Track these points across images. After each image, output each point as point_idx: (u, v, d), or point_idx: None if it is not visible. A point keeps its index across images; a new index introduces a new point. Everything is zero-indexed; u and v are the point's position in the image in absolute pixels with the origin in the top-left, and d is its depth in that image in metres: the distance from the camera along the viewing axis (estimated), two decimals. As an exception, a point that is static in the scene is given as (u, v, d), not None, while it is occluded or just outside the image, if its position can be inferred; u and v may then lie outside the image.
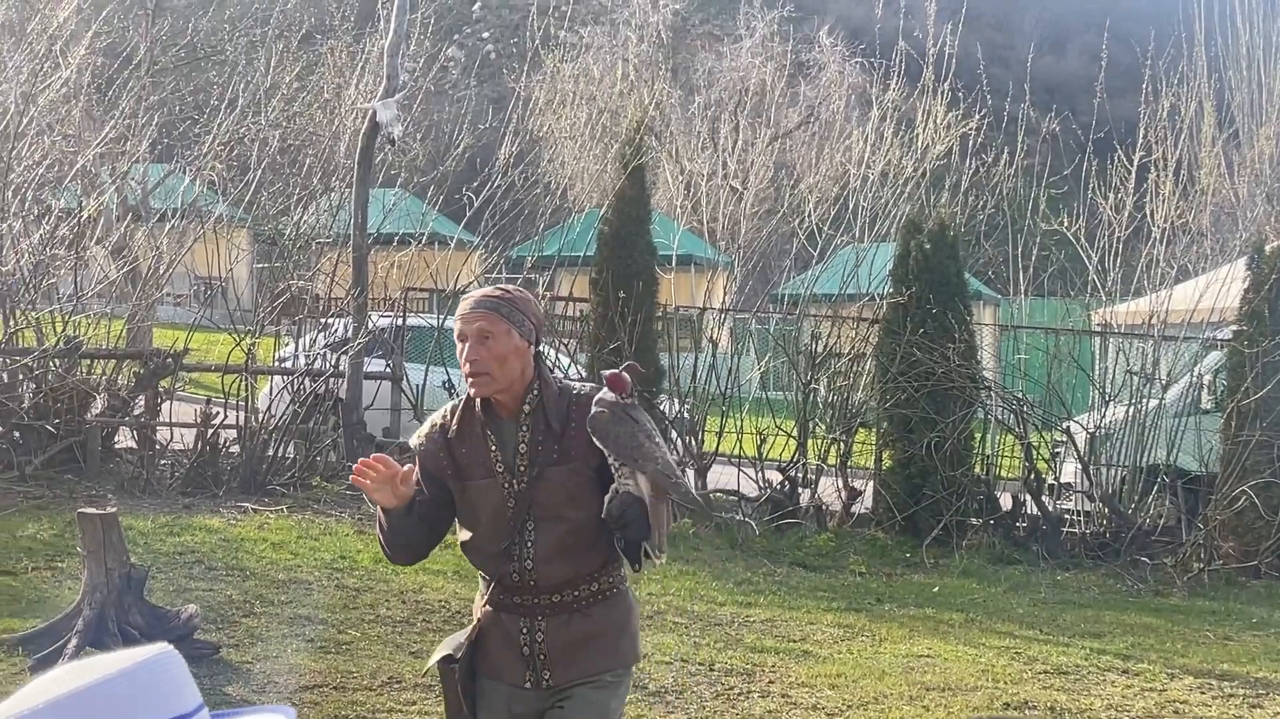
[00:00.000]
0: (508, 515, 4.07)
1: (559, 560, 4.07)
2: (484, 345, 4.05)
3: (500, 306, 4.10)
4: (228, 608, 9.06)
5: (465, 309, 4.12)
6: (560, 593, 4.11)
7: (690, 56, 39.62)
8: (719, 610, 10.28)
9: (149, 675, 1.57)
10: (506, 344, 4.06)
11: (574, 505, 4.07)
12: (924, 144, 17.91)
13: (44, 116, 16.15)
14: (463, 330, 4.09)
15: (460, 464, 4.14)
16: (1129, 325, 15.52)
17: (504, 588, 4.13)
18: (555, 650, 4.11)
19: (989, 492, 14.02)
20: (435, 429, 4.22)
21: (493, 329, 4.06)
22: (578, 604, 4.12)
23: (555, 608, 4.11)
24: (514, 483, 4.07)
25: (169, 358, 13.89)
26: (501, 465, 4.09)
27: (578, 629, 4.12)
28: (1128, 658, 9.69)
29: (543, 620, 4.11)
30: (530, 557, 4.07)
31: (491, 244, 17.99)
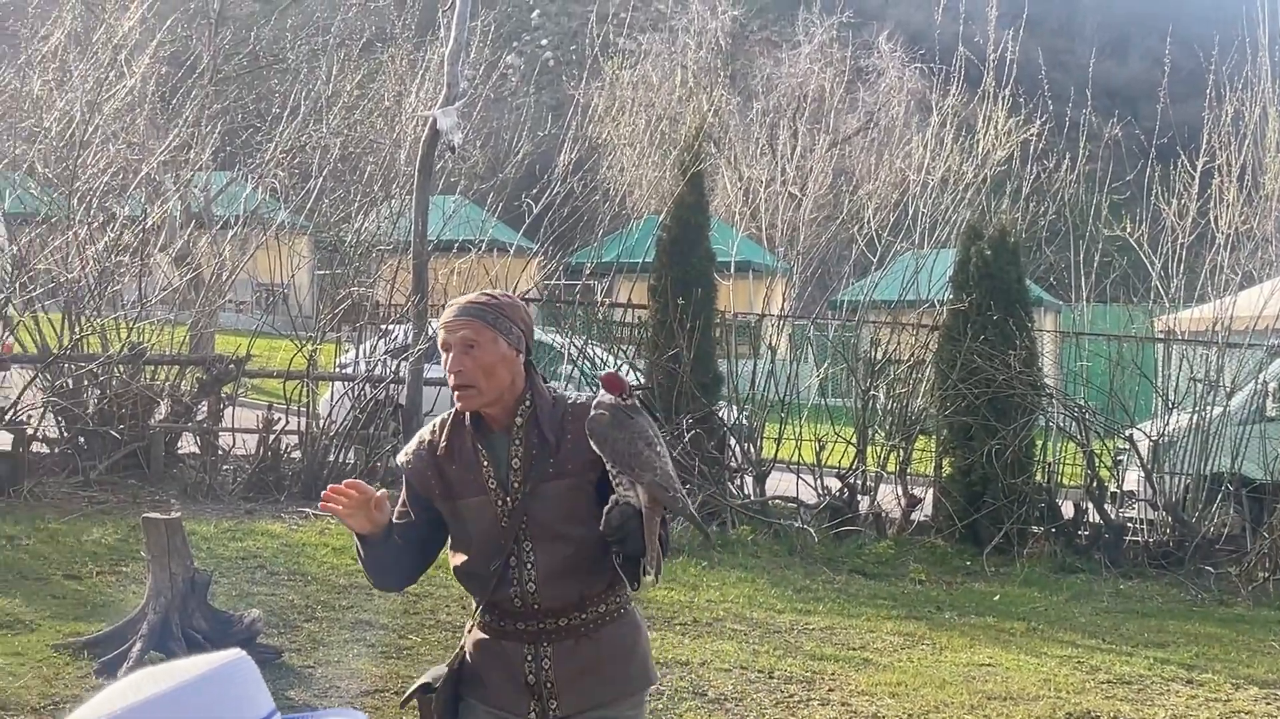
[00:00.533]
0: (501, 535, 3.83)
1: (563, 582, 3.84)
2: (468, 355, 3.84)
3: (485, 313, 3.88)
4: (290, 612, 9.12)
5: (449, 316, 3.90)
6: (567, 616, 3.86)
7: (749, 63, 39.59)
8: (778, 618, 10.25)
9: (223, 681, 1.59)
10: (493, 353, 3.84)
11: (573, 522, 3.82)
12: (985, 150, 17.81)
13: (109, 125, 16.34)
14: (446, 340, 3.87)
15: (450, 482, 3.88)
16: (1193, 332, 15.37)
17: (504, 613, 3.88)
18: (563, 678, 3.85)
19: (1050, 499, 13.92)
20: (423, 446, 3.96)
21: (478, 338, 3.85)
22: (585, 628, 3.87)
23: (561, 633, 3.86)
24: (507, 500, 3.83)
25: (231, 364, 14.01)
26: (494, 482, 3.84)
27: (586, 654, 3.87)
28: (1192, 668, 9.59)
29: (548, 647, 3.86)
30: (532, 579, 3.83)
31: (550, 250, 18.01)
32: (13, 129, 16.94)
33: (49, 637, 8.19)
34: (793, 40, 38.19)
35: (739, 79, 36.53)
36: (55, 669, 7.64)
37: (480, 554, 3.87)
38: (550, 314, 17.42)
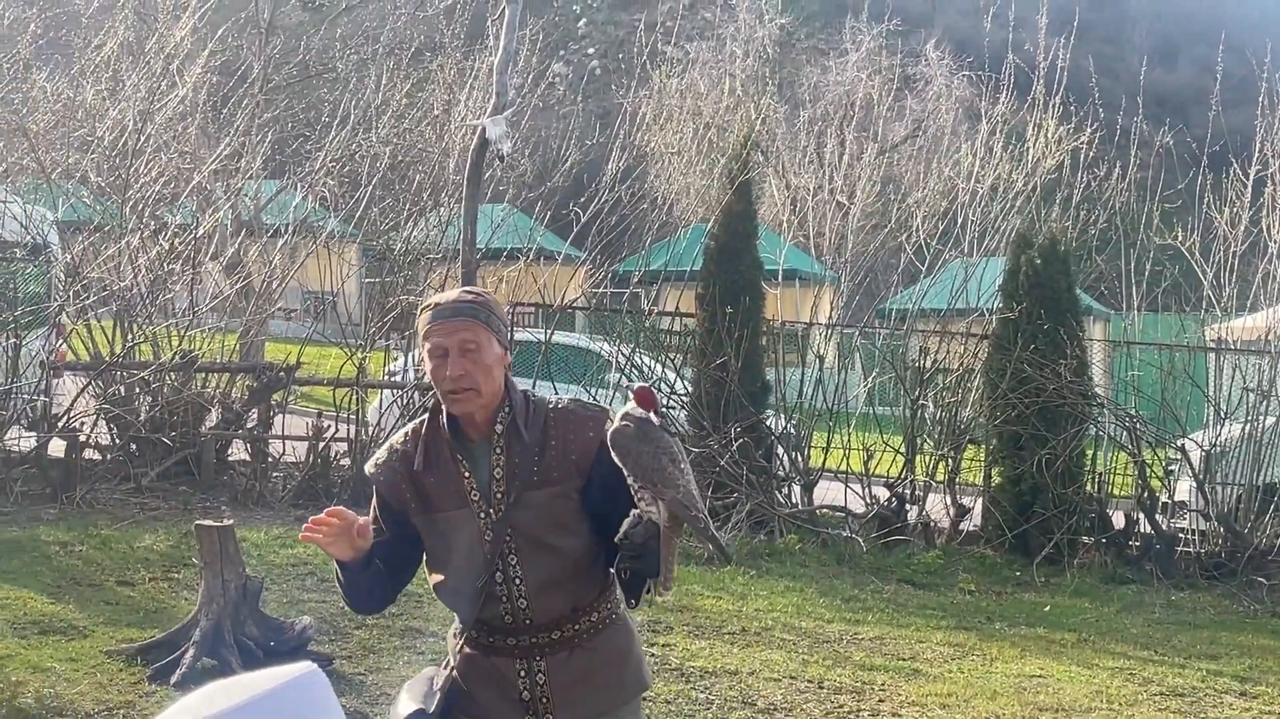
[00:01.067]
0: (485, 549, 3.69)
1: (554, 594, 3.73)
2: (468, 358, 3.68)
3: (479, 312, 3.73)
4: (340, 619, 9.15)
5: (443, 316, 3.72)
6: (560, 628, 3.76)
7: (796, 71, 39.53)
8: (827, 627, 10.23)
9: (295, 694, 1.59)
10: (490, 354, 3.70)
11: (559, 532, 3.71)
12: (1035, 158, 17.73)
13: (161, 134, 16.47)
14: (441, 343, 3.70)
15: (427, 495, 3.74)
16: (1245, 341, 15.24)
17: (493, 630, 3.76)
18: (559, 691, 3.76)
19: (1101, 510, 13.83)
20: (395, 456, 3.81)
21: (477, 339, 3.70)
22: (579, 638, 3.77)
23: (555, 645, 3.76)
24: (490, 512, 3.70)
25: (281, 372, 14.09)
26: (476, 493, 3.71)
27: (580, 665, 3.77)
28: (1245, 680, 9.51)
29: (541, 660, 3.75)
30: (521, 594, 3.71)
31: (598, 259, 18.03)
32: (66, 138, 17.10)
33: (102, 642, 8.26)
34: (840, 48, 38.10)
35: (786, 87, 36.47)
36: (109, 675, 7.69)
37: (463, 570, 3.73)
38: (598, 323, 17.43)
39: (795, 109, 33.40)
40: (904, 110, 35.15)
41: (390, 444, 3.86)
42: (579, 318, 19.65)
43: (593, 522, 3.76)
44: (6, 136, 16.18)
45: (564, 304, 16.86)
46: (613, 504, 3.66)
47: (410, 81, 20.93)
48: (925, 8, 54.15)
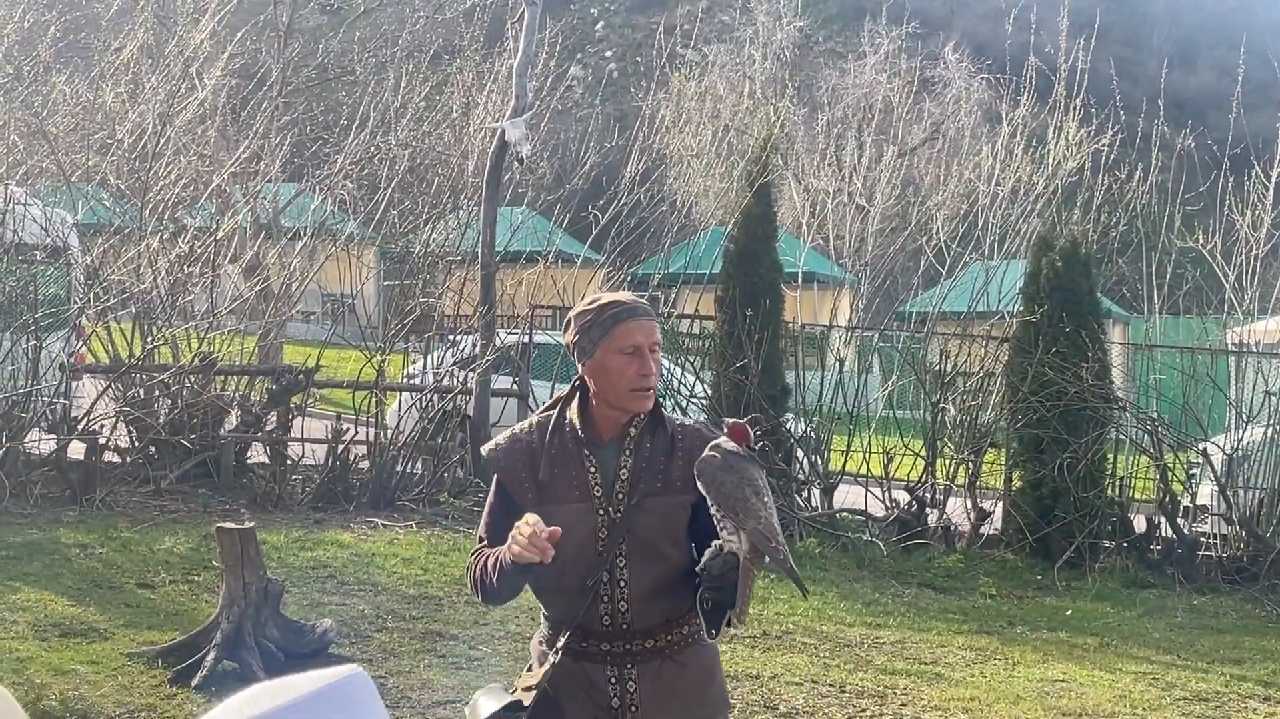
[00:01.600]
0: (597, 548, 3.71)
1: (654, 602, 3.73)
2: (655, 357, 3.78)
3: (654, 316, 3.86)
4: (360, 622, 9.15)
5: (638, 316, 3.79)
6: (654, 637, 3.75)
7: (814, 74, 39.51)
8: (848, 631, 10.19)
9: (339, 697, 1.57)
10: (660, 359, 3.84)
11: (670, 541, 3.73)
12: (1055, 160, 17.68)
13: (180, 137, 16.50)
14: (640, 343, 3.76)
15: (545, 486, 3.75)
16: (1267, 344, 15.18)
17: (588, 633, 3.75)
18: (648, 701, 3.74)
19: (1122, 513, 13.78)
20: (518, 444, 3.83)
21: (660, 342, 3.82)
22: (670, 650, 3.76)
23: (648, 654, 3.75)
24: (610, 511, 3.72)
25: (300, 374, 14.09)
26: (599, 490, 3.73)
27: (670, 677, 3.77)
28: (1269, 685, 9.45)
29: (633, 668, 3.74)
30: (624, 597, 3.72)
31: (617, 262, 18.02)
32: (86, 141, 17.14)
33: (123, 645, 8.25)
34: (858, 51, 38.06)
35: (804, 90, 36.44)
36: (130, 678, 7.69)
37: (571, 567, 3.70)
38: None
39: (814, 112, 33.36)
40: (923, 113, 35.08)
41: (512, 432, 3.89)
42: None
43: (694, 539, 3.77)
44: (27, 139, 16.21)
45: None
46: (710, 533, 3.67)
47: (429, 84, 20.96)
48: (944, 11, 54.09)
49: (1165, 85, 20.41)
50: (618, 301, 3.83)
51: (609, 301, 3.83)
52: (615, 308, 3.80)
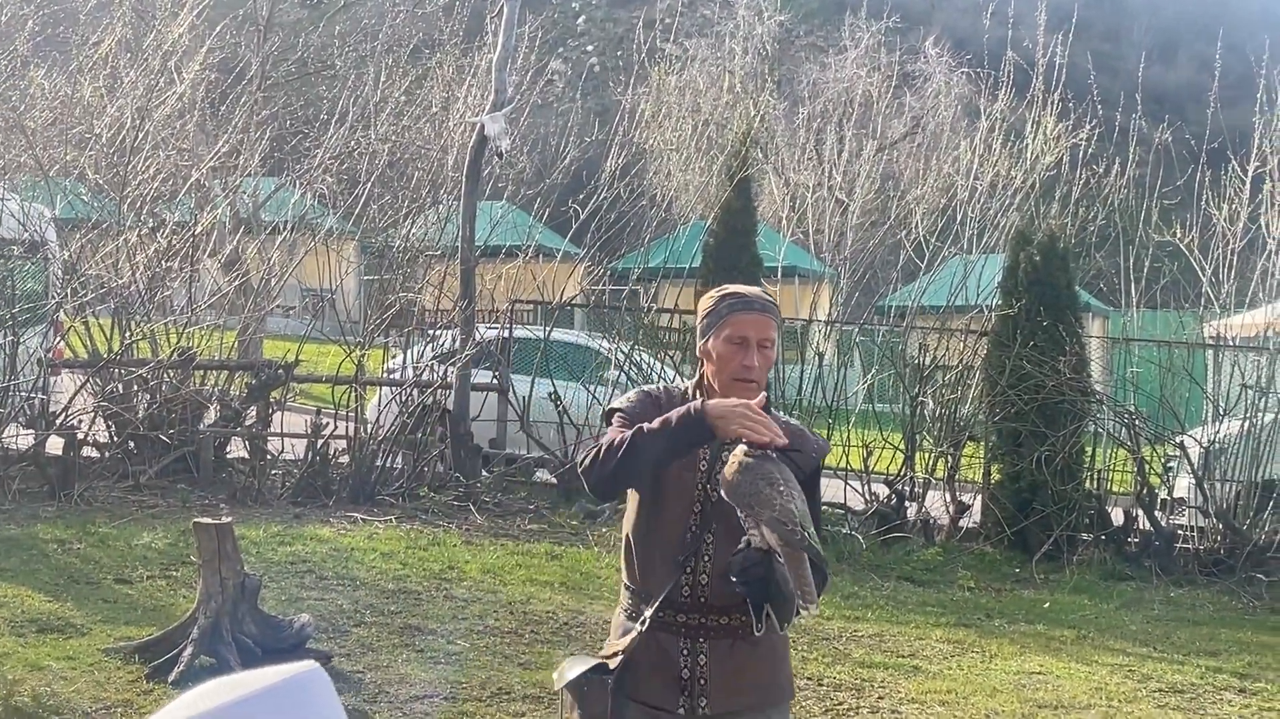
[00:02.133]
0: (692, 522, 3.86)
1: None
2: (763, 353, 3.88)
3: (777, 315, 3.98)
4: (339, 617, 9.15)
5: (752, 309, 3.92)
6: (729, 615, 3.86)
7: (795, 68, 39.53)
8: (826, 624, 10.21)
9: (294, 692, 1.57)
10: (774, 354, 3.95)
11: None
12: (1033, 155, 17.72)
13: (159, 131, 16.45)
14: (747, 335, 3.88)
15: None
16: (1244, 338, 15.24)
17: (667, 604, 3.87)
18: (717, 677, 3.86)
19: (1100, 506, 13.83)
20: (647, 398, 4.01)
21: (772, 337, 3.91)
22: (744, 630, 3.85)
23: (721, 631, 3.87)
24: (708, 489, 3.85)
25: (280, 369, 14.08)
26: (704, 466, 3.88)
27: (740, 656, 3.88)
28: (1244, 677, 9.51)
29: (705, 643, 3.87)
30: (706, 571, 3.84)
31: (597, 256, 18.02)
32: (64, 135, 17.08)
33: (100, 641, 8.24)
34: (839, 45, 38.10)
35: (785, 84, 36.46)
36: (106, 673, 7.68)
37: (664, 536, 3.87)
38: (597, 320, 17.41)
39: (794, 106, 33.39)
40: (903, 107, 35.13)
41: (646, 389, 4.07)
42: (578, 315, 19.65)
43: None
44: (4, 133, 16.16)
45: (563, 301, 16.85)
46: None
47: (409, 79, 20.94)
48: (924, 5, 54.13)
49: (1144, 79, 20.45)
50: (738, 293, 3.97)
51: (730, 292, 3.99)
52: (733, 299, 3.95)
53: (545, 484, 14.83)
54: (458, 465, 14.09)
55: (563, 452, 14.31)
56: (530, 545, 12.02)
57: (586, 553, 11.77)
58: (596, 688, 3.86)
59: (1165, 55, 53.41)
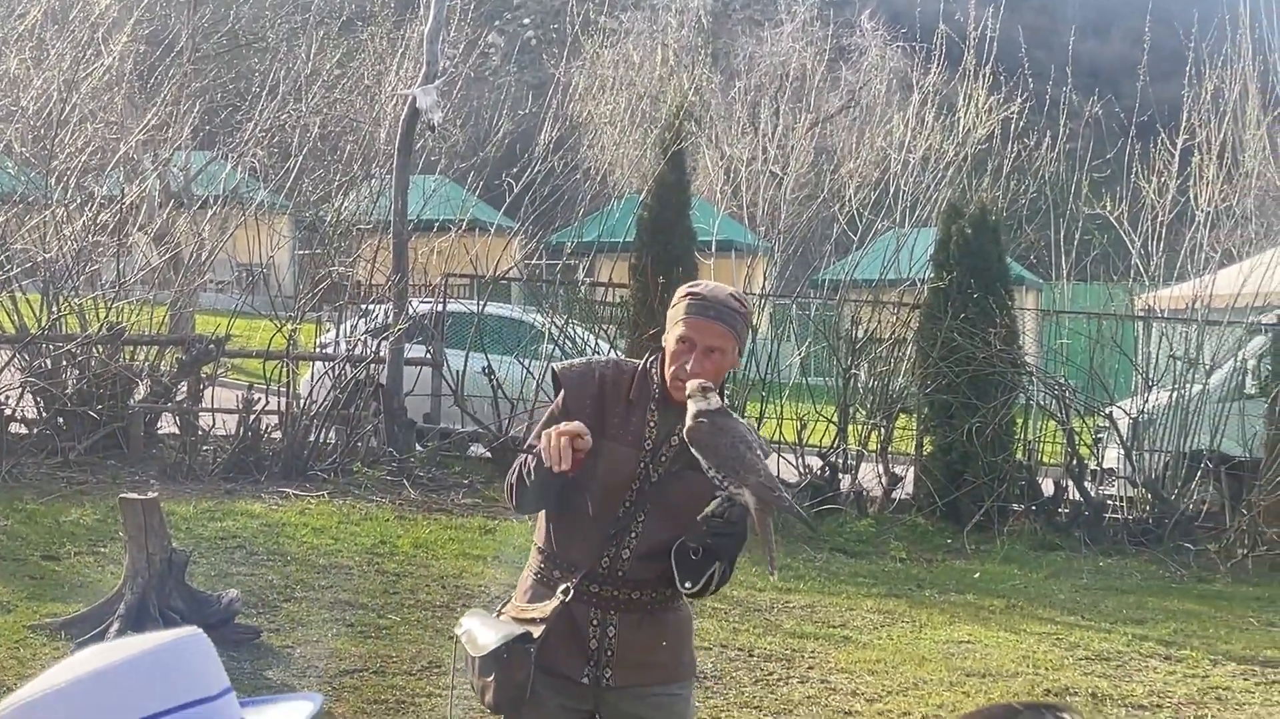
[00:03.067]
0: (627, 498, 3.88)
1: (654, 562, 3.87)
2: (709, 360, 3.83)
3: (737, 323, 3.89)
4: (269, 593, 9.11)
5: (705, 315, 3.86)
6: (641, 591, 3.92)
7: (730, 41, 39.51)
8: (758, 596, 10.26)
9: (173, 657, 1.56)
10: (727, 361, 3.89)
11: (688, 512, 3.81)
12: (966, 128, 17.79)
13: (87, 104, 16.25)
14: (692, 338, 3.85)
15: (606, 419, 3.90)
16: (1172, 310, 15.41)
17: (584, 575, 3.91)
18: (623, 649, 3.92)
19: (1030, 477, 13.96)
20: (592, 373, 3.99)
21: (724, 347, 3.87)
22: (652, 606, 3.94)
23: (631, 605, 3.92)
24: (650, 468, 3.88)
25: (211, 344, 13.96)
26: (650, 444, 3.89)
27: (648, 631, 3.94)
28: (1170, 644, 9.63)
29: (615, 615, 3.91)
30: (629, 546, 3.88)
31: (531, 230, 17.98)
32: (-11, 108, 16.84)
33: (25, 617, 8.17)
34: (774, 19, 38.11)
35: (721, 58, 36.43)
36: (32, 650, 7.61)
37: (599, 507, 3.87)
38: (531, 294, 17.39)
39: (730, 79, 33.33)
40: (838, 81, 35.15)
41: (589, 359, 4.13)
42: (512, 289, 19.60)
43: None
44: (-72, 106, 15.92)
45: (497, 275, 16.80)
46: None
47: (341, 51, 20.79)
48: (860, -22, 54.17)
49: (1077, 53, 20.58)
50: (701, 296, 3.92)
51: (696, 293, 3.95)
52: (693, 300, 3.91)
53: (479, 459, 14.79)
54: (391, 440, 14.03)
55: (497, 426, 14.27)
56: (463, 520, 12.00)
57: (520, 527, 11.75)
58: (519, 656, 3.87)
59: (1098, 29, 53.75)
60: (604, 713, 4.00)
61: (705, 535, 3.75)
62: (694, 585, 3.82)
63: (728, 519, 3.73)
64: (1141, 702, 8.15)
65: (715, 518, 3.74)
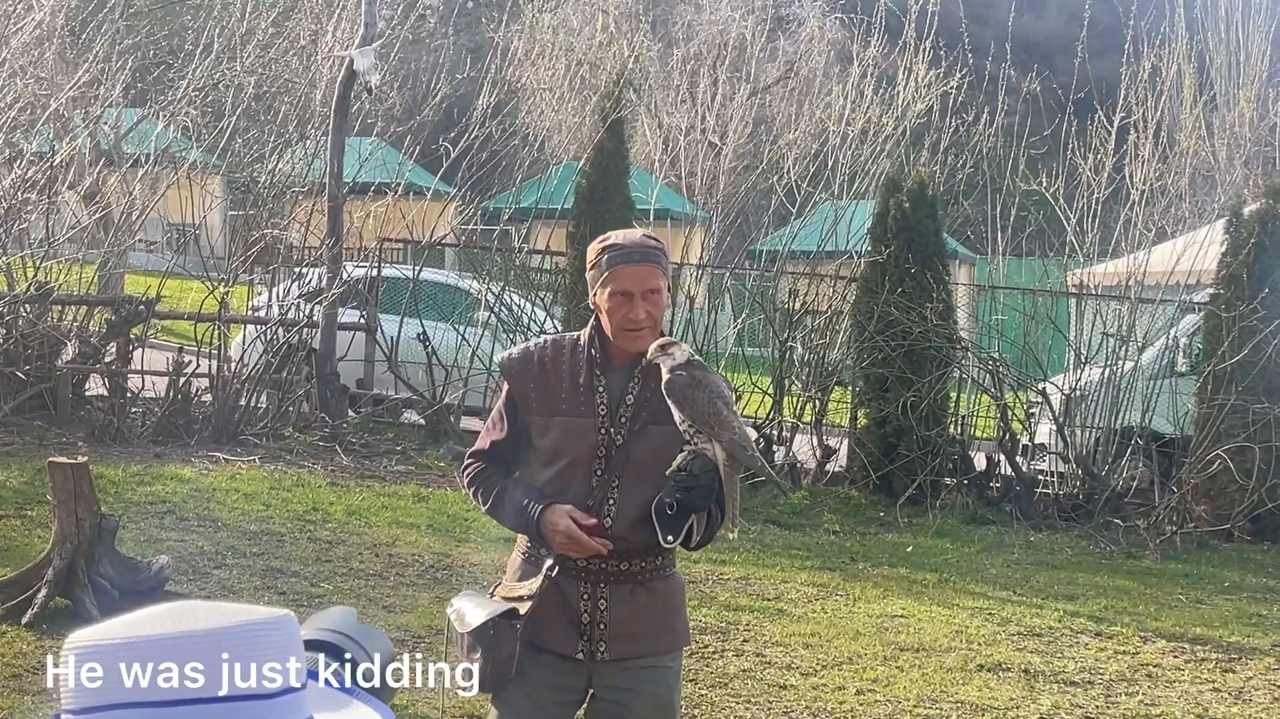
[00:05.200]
0: (597, 467, 3.88)
1: (638, 527, 3.86)
2: (650, 301, 3.88)
3: (662, 259, 3.94)
4: (199, 559, 9.00)
5: (631, 260, 3.88)
6: (629, 561, 3.90)
7: (670, 9, 39.34)
8: (693, 568, 10.23)
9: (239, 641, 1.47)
10: (665, 298, 3.96)
11: (663, 470, 3.83)
12: (904, 102, 17.80)
13: (16, 59, 15.94)
14: (631, 288, 3.85)
15: (552, 396, 3.92)
16: (1106, 287, 15.50)
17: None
18: (616, 622, 3.90)
19: (963, 452, 14.03)
20: (530, 357, 4.01)
21: (659, 284, 3.91)
22: (643, 576, 3.92)
23: (621, 576, 3.90)
24: (612, 432, 3.88)
25: (141, 305, 13.77)
26: (604, 409, 3.90)
27: (640, 602, 3.92)
28: (1100, 620, 9.70)
29: (606, 588, 3.90)
30: (610, 515, 3.86)
31: (468, 195, 17.83)
32: (-85, 62, 16.49)
33: (-49, 582, 8.02)
34: (714, -13, 37.92)
35: (660, 26, 36.29)
36: (-43, 615, 7.48)
37: (569, 482, 3.89)
38: (467, 260, 17.26)
39: (669, 48, 33.27)
40: (777, 52, 35.15)
41: (526, 345, 4.09)
42: (448, 254, 19.46)
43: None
44: None
45: (433, 240, 16.67)
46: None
47: (276, 10, 20.49)
48: (799, -51, 54.09)
49: (1015, 29, 20.62)
50: (618, 245, 3.93)
51: (611, 244, 3.95)
52: (614, 251, 3.91)
53: (413, 425, 14.70)
54: (323, 406, 13.92)
55: (431, 393, 14.19)
56: (397, 487, 11.92)
57: (454, 495, 11.67)
58: (505, 633, 3.85)
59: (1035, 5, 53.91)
60: (597, 687, 3.97)
61: (674, 490, 3.77)
62: (674, 539, 3.84)
63: (691, 473, 3.76)
64: (1074, 678, 8.20)
65: (680, 472, 3.77)
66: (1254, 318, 13.08)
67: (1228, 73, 27.67)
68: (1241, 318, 13.09)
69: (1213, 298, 13.68)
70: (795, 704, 7.35)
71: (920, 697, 7.60)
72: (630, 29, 28.97)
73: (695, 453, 3.78)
